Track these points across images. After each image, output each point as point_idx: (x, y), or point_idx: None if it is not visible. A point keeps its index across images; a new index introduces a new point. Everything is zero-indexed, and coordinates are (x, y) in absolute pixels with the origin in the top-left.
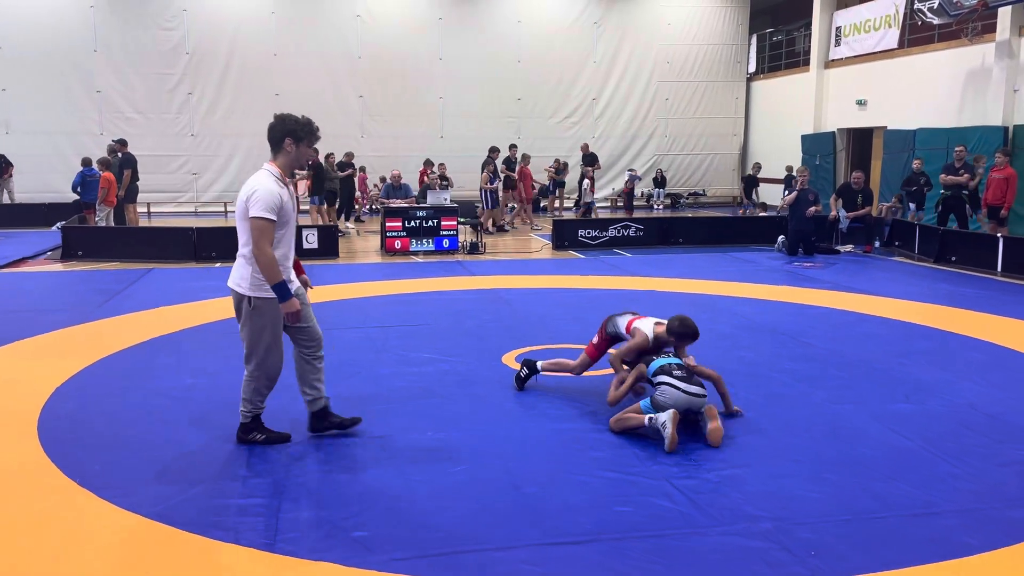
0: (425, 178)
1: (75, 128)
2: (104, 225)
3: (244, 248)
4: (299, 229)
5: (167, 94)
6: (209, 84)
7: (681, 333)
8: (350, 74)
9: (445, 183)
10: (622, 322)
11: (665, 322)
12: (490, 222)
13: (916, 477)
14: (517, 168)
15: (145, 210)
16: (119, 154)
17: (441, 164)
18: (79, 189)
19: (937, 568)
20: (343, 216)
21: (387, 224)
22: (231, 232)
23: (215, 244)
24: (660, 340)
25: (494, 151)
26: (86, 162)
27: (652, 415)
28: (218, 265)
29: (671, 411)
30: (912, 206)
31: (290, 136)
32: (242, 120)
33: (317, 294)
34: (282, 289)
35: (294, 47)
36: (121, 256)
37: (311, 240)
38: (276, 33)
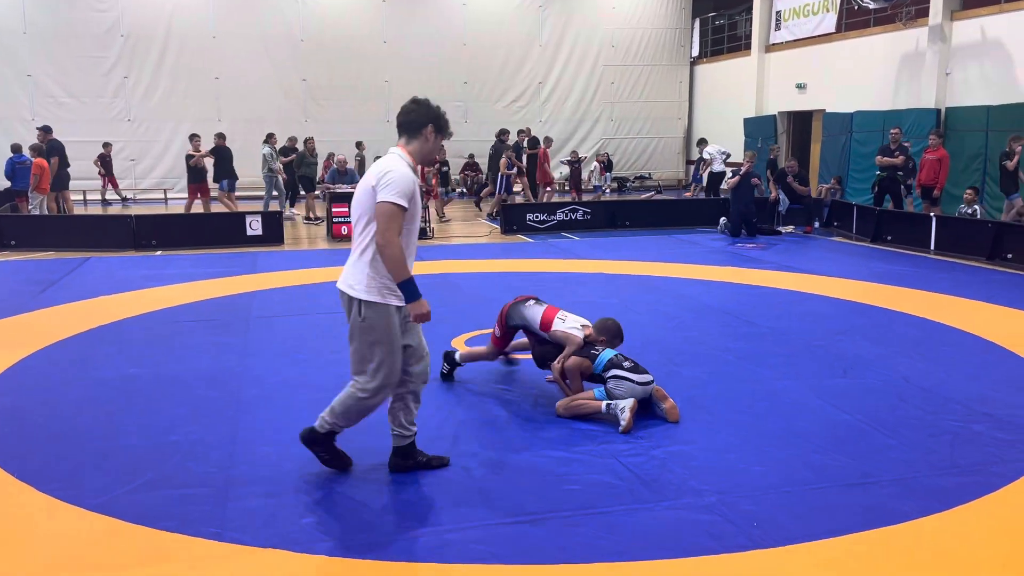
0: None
1: (4, 114)
2: (38, 213)
3: (363, 242)
4: (242, 215)
5: (102, 78)
6: (145, 68)
7: (616, 333)
8: (292, 57)
9: (446, 169)
10: (531, 314)
11: (590, 324)
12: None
13: (853, 449)
14: (539, 150)
15: (81, 198)
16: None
17: (441, 150)
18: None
19: (873, 535)
20: (289, 202)
21: (333, 210)
22: (171, 219)
23: (155, 232)
24: (589, 341)
25: (504, 134)
26: (16, 148)
27: (609, 402)
28: (158, 253)
29: (631, 400)
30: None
31: (433, 124)
32: (181, 104)
33: (263, 281)
34: (410, 287)
35: (234, 29)
36: (57, 245)
37: (255, 227)
38: (215, 15)
